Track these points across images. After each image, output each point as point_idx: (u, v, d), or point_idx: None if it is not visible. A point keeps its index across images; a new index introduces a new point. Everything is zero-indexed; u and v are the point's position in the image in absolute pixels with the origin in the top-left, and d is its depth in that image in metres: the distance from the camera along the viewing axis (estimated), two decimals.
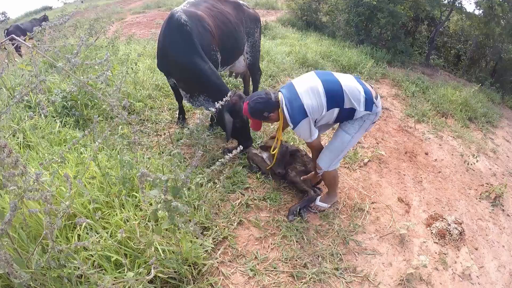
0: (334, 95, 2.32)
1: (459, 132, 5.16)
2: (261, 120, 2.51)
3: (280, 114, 2.44)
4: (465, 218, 3.26)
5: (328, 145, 2.58)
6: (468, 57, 9.99)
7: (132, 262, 1.91)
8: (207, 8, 3.29)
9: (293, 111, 2.32)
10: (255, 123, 2.56)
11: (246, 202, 2.76)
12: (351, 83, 2.38)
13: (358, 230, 2.72)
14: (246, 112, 2.48)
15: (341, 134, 2.49)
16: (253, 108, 2.42)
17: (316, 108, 2.31)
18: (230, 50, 3.47)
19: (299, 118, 2.30)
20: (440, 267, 2.61)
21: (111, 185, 2.25)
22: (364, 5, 8.17)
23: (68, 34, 6.05)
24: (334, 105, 2.34)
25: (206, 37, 3.04)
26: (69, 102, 3.49)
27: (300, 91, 2.34)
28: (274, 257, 2.35)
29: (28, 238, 1.82)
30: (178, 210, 1.42)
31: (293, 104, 2.32)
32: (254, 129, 2.65)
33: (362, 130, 2.48)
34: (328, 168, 2.57)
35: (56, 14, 10.27)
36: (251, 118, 2.52)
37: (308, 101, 2.30)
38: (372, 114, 2.42)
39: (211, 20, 3.19)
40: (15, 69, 4.22)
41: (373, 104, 2.38)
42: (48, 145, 2.78)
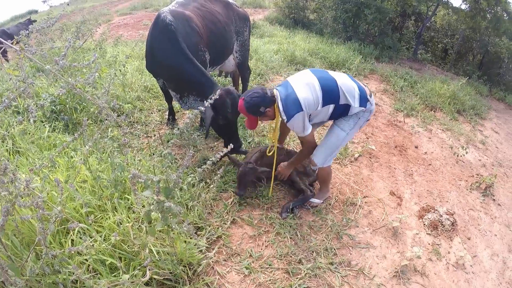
0: (329, 91, 2.33)
1: (448, 125, 5.23)
2: (257, 116, 2.45)
3: (276, 111, 2.42)
4: (457, 209, 3.31)
5: (323, 142, 2.60)
6: (455, 51, 10.13)
7: (127, 265, 1.90)
8: (196, 8, 3.27)
9: (287, 105, 2.30)
10: (251, 120, 2.51)
11: (238, 201, 2.76)
12: (346, 80, 2.42)
13: (351, 225, 2.74)
14: (241, 109, 2.43)
15: (336, 130, 2.52)
16: (249, 103, 2.37)
17: (312, 102, 2.30)
18: (220, 49, 3.46)
19: (294, 112, 2.28)
20: (434, 257, 2.65)
21: (102, 188, 2.23)
22: (351, 1, 8.24)
23: (54, 38, 6.01)
24: (330, 101, 2.36)
25: (194, 37, 3.02)
26: (58, 107, 3.46)
27: (295, 86, 2.35)
28: (269, 254, 2.36)
29: (22, 245, 1.80)
30: (171, 211, 1.42)
31: (288, 98, 2.31)
32: (250, 126, 2.59)
33: (356, 127, 2.51)
34: (323, 165, 2.59)
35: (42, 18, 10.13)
36: (247, 114, 2.45)
37: (304, 94, 2.29)
38: (367, 112, 2.46)
39: (199, 19, 3.17)
40: (2, 74, 4.16)
41: (367, 101, 2.42)
42: (38, 151, 2.75)
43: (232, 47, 3.68)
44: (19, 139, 2.81)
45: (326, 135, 2.62)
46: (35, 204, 1.28)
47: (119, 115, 3.65)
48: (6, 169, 1.19)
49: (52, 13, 7.38)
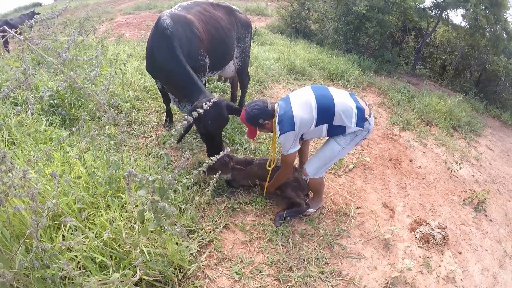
0: (325, 110, 2.40)
1: (443, 140, 5.27)
2: (256, 127, 2.55)
3: (274, 124, 2.50)
4: (449, 223, 3.33)
5: (317, 153, 2.64)
6: (453, 67, 10.24)
7: (117, 264, 1.88)
8: (199, 12, 3.28)
9: (282, 121, 2.39)
10: (250, 130, 2.63)
11: (232, 206, 2.76)
12: (345, 100, 2.46)
13: (343, 235, 2.75)
14: (242, 119, 2.55)
15: (331, 144, 2.56)
16: (249, 114, 2.48)
17: (306, 122, 2.39)
18: (220, 55, 3.47)
19: (287, 129, 2.37)
20: (424, 270, 2.66)
21: (97, 185, 2.22)
22: (353, 14, 8.30)
23: (57, 32, 5.98)
24: (323, 121, 2.43)
25: (194, 41, 3.03)
26: (56, 101, 3.45)
27: (293, 103, 2.44)
28: (260, 260, 2.35)
29: (11, 237, 1.78)
30: (164, 211, 1.42)
31: (285, 114, 2.40)
32: (250, 136, 2.71)
33: (352, 143, 2.56)
34: (314, 176, 2.62)
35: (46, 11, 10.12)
36: (248, 125, 2.56)
37: (299, 113, 2.37)
38: (364, 131, 2.51)
39: (201, 24, 3.19)
40: (2, 65, 4.14)
41: (366, 121, 2.46)
42: (33, 143, 2.74)
43: (233, 53, 3.70)
44: (15, 130, 2.79)
45: (322, 146, 2.66)
46: (31, 195, 1.27)
47: (117, 113, 3.64)
48: (4, 157, 1.19)
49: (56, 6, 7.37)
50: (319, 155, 2.61)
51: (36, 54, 4.44)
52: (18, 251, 1.59)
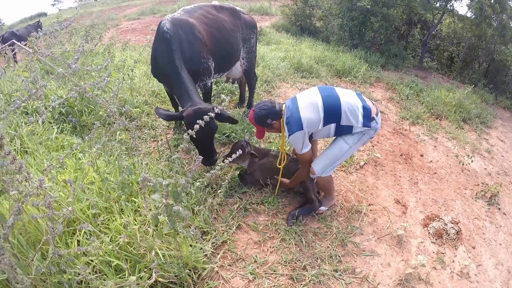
0: (331, 110, 2.42)
1: (453, 134, 5.21)
2: (265, 127, 2.59)
3: (282, 125, 2.54)
4: (462, 217, 3.29)
5: (325, 151, 2.63)
6: (461, 59, 10.10)
7: (133, 267, 1.91)
8: (202, 15, 3.30)
9: (290, 122, 2.43)
10: (259, 130, 2.66)
11: (244, 207, 2.78)
12: (351, 99, 2.47)
13: (356, 232, 2.74)
14: (251, 119, 2.58)
15: (339, 142, 2.56)
16: (257, 114, 2.52)
17: (313, 122, 2.42)
18: (226, 56, 3.49)
19: (295, 129, 2.40)
20: (438, 266, 2.64)
21: (110, 190, 2.25)
22: (358, 9, 8.26)
23: (64, 41, 6.05)
24: (331, 121, 2.45)
25: (196, 44, 3.04)
26: (66, 109, 3.50)
27: (300, 104, 2.46)
28: (274, 260, 2.36)
29: (27, 244, 1.82)
30: (179, 215, 1.43)
31: (292, 116, 2.43)
32: (258, 136, 2.74)
33: (360, 143, 2.56)
34: (321, 174, 2.62)
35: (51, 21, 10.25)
36: (256, 125, 2.60)
37: (306, 114, 2.40)
38: (372, 130, 2.50)
39: (204, 27, 3.20)
40: (12, 75, 4.21)
41: (373, 120, 2.46)
42: (45, 151, 2.78)
43: (239, 54, 3.71)
44: (27, 139, 2.84)
45: (329, 145, 2.65)
46: (47, 203, 1.29)
47: (128, 119, 3.68)
48: (21, 168, 1.21)
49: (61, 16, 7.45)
50: (327, 153, 2.60)
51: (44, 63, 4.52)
52: (34, 257, 1.62)
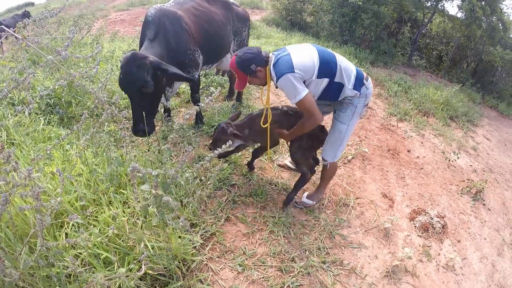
0: (327, 64, 2.27)
1: (440, 130, 5.31)
2: (247, 74, 2.29)
3: (268, 74, 2.30)
4: (447, 212, 3.36)
5: (327, 139, 2.61)
6: (450, 58, 10.25)
7: (122, 259, 1.90)
8: (192, 7, 3.28)
9: (278, 64, 2.19)
10: (240, 79, 2.36)
11: (232, 199, 2.78)
12: (345, 60, 2.40)
13: (343, 225, 2.78)
14: (233, 64, 2.29)
15: (336, 125, 2.51)
16: (240, 57, 2.25)
17: (307, 67, 2.20)
18: (215, 49, 3.47)
19: (284, 71, 2.15)
20: (424, 259, 2.70)
21: (98, 182, 2.23)
22: (349, 5, 8.30)
23: (51, 31, 5.94)
24: (325, 74, 2.28)
25: (182, 36, 3.00)
26: (53, 100, 3.44)
27: (292, 51, 2.25)
28: (262, 252, 2.38)
29: (15, 238, 1.79)
30: (168, 205, 1.43)
31: (281, 59, 2.21)
32: (238, 86, 2.43)
33: (356, 116, 2.47)
34: (333, 159, 2.61)
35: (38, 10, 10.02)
36: (237, 71, 2.31)
37: (299, 59, 2.19)
38: (362, 97, 2.41)
39: (192, 19, 3.18)
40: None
41: (363, 85, 2.39)
42: (32, 143, 2.74)
43: (229, 46, 3.69)
44: (13, 130, 2.79)
45: (329, 133, 2.63)
46: (36, 194, 1.27)
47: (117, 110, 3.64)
48: (9, 157, 1.19)
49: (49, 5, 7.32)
50: (329, 140, 2.57)
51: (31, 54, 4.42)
52: (22, 251, 1.59)
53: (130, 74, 2.38)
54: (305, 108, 2.24)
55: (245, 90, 4.63)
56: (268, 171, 3.25)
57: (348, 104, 2.44)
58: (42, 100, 3.21)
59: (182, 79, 2.73)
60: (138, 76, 2.37)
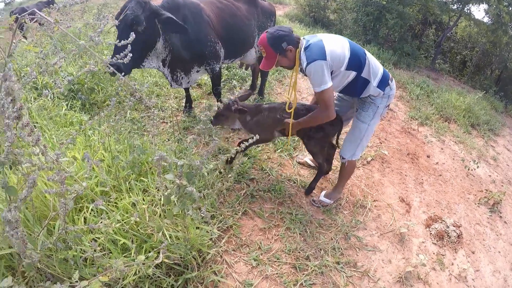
0: (357, 57, 2.22)
1: (461, 138, 5.20)
2: (277, 52, 2.19)
3: (297, 57, 2.22)
4: (464, 221, 3.30)
5: (346, 137, 2.60)
6: (474, 63, 10.02)
7: (139, 246, 1.92)
8: (216, 0, 3.30)
9: (311, 49, 2.12)
10: (268, 58, 2.25)
11: (251, 193, 2.78)
12: (374, 58, 2.36)
13: (359, 226, 2.75)
14: (263, 41, 2.19)
15: (357, 124, 2.48)
16: (272, 35, 2.16)
17: (338, 57, 2.15)
18: (237, 43, 3.47)
19: (316, 57, 2.09)
20: (437, 267, 2.65)
21: (120, 168, 2.26)
22: (373, 4, 8.18)
23: (75, 18, 6.04)
24: (354, 67, 2.23)
25: (203, 26, 3.02)
26: (76, 86, 3.50)
27: (324, 38, 2.19)
28: (278, 248, 2.38)
29: (34, 219, 1.81)
30: (191, 196, 1.44)
31: (313, 44, 2.14)
32: (265, 66, 2.30)
33: (377, 116, 2.44)
34: (351, 158, 2.58)
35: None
36: (267, 48, 2.20)
37: (331, 47, 2.14)
38: (385, 97, 2.39)
39: (215, 12, 3.20)
40: (22, 50, 4.21)
41: (387, 85, 2.36)
42: (55, 127, 2.79)
43: (253, 41, 3.68)
44: (36, 114, 2.84)
45: (348, 131, 2.61)
46: (62, 178, 1.29)
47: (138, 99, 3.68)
48: (38, 140, 1.21)
49: None
50: (349, 138, 2.56)
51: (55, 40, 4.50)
52: (41, 233, 1.61)
53: (125, 7, 2.52)
54: (324, 100, 2.21)
55: (267, 85, 4.61)
56: (287, 168, 3.24)
57: (370, 104, 2.41)
58: (66, 85, 3.26)
59: (178, 27, 2.71)
60: (133, 12, 2.51)
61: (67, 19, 5.58)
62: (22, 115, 1.27)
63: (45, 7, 7.55)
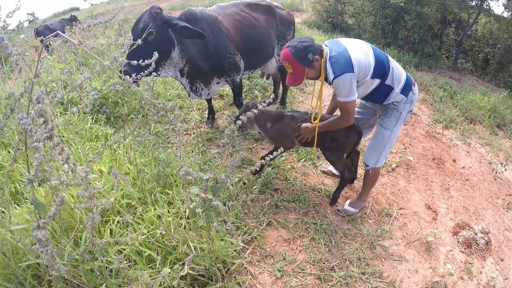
0: (382, 64, 2.18)
1: (487, 139, 5.04)
2: (305, 65, 2.11)
3: (322, 67, 2.14)
4: (492, 228, 3.19)
5: (369, 144, 2.58)
6: (496, 61, 9.71)
7: (164, 258, 1.95)
8: (234, 13, 3.33)
9: (338, 61, 2.05)
10: (295, 73, 2.16)
11: (275, 203, 2.77)
12: (397, 63, 2.33)
13: (385, 236, 2.70)
14: (287, 56, 2.11)
15: (380, 130, 2.46)
16: (296, 48, 2.07)
17: (365, 67, 2.11)
18: (256, 54, 3.50)
19: (345, 70, 2.04)
20: (465, 276, 2.57)
21: (145, 181, 2.30)
22: (391, 7, 8.08)
23: (97, 34, 6.23)
24: (378, 75, 2.18)
25: (221, 38, 3.05)
26: (100, 100, 3.60)
27: (348, 46, 2.12)
28: (302, 259, 2.36)
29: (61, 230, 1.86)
30: (217, 209, 1.46)
31: (340, 55, 2.07)
32: (292, 82, 2.21)
33: (400, 122, 2.40)
34: (375, 165, 2.56)
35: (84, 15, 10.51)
36: (294, 62, 2.11)
37: (357, 56, 2.08)
38: (407, 103, 2.34)
39: (233, 23, 3.23)
40: (47, 66, 4.37)
41: (410, 90, 2.32)
42: (81, 141, 2.87)
43: (272, 51, 3.70)
44: (62, 128, 2.94)
45: (371, 137, 2.58)
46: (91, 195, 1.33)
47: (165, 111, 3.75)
48: (68, 159, 1.25)
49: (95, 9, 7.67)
50: (372, 145, 2.53)
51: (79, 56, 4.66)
52: (68, 245, 1.66)
53: (139, 19, 2.64)
54: (346, 109, 2.23)
55: (288, 94, 4.62)
56: (311, 177, 3.22)
57: (393, 110, 2.38)
58: (92, 102, 3.37)
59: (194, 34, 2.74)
60: (144, 21, 2.61)
61: (89, 36, 5.77)
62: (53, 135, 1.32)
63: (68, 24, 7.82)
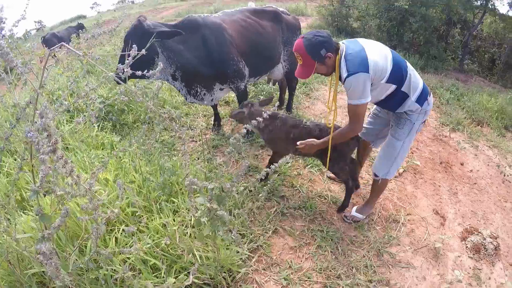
0: (400, 69, 2.10)
1: (495, 142, 4.98)
2: (315, 60, 2.03)
3: (337, 64, 2.07)
4: (501, 232, 3.13)
5: (380, 154, 2.52)
6: (503, 61, 9.63)
7: (169, 267, 1.94)
8: (239, 19, 3.34)
9: (354, 60, 1.97)
10: (305, 66, 2.08)
11: (281, 211, 2.75)
12: (415, 71, 2.24)
13: (392, 242, 2.67)
14: (300, 47, 2.02)
15: (391, 141, 2.40)
16: (310, 40, 1.99)
17: (380, 69, 2.02)
18: (263, 61, 3.50)
19: (359, 69, 1.95)
20: (474, 283, 2.52)
21: (151, 190, 2.30)
22: (396, 9, 8.06)
23: (104, 42, 6.28)
24: (395, 80, 2.10)
25: (225, 45, 3.07)
26: (106, 107, 3.62)
27: (366, 46, 2.05)
28: (308, 267, 2.34)
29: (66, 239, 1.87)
30: (222, 219, 1.45)
31: (357, 54, 1.99)
32: (301, 74, 2.13)
33: (412, 133, 2.32)
34: (385, 176, 2.50)
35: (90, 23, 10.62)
36: (305, 55, 2.04)
37: (375, 57, 2.00)
38: (421, 113, 2.27)
39: (238, 30, 3.23)
40: (53, 73, 4.42)
41: (426, 100, 2.23)
42: (87, 149, 2.89)
43: (278, 57, 3.69)
44: (68, 136, 2.96)
45: (382, 147, 2.52)
46: (95, 206, 1.34)
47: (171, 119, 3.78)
48: (72, 171, 1.26)
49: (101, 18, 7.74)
50: (382, 155, 2.47)
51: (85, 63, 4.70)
52: (73, 253, 1.66)
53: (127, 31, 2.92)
54: (356, 113, 2.11)
55: (294, 99, 4.60)
56: (318, 183, 3.19)
57: (405, 120, 2.30)
58: (101, 111, 3.40)
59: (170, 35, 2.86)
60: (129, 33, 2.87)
61: (96, 43, 5.81)
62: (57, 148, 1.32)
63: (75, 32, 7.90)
